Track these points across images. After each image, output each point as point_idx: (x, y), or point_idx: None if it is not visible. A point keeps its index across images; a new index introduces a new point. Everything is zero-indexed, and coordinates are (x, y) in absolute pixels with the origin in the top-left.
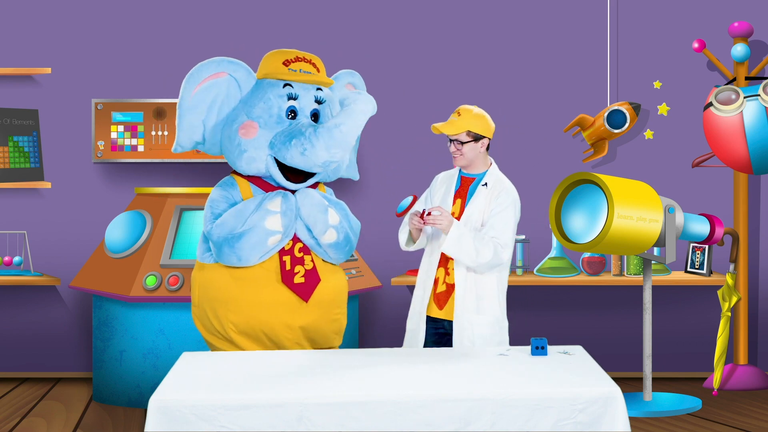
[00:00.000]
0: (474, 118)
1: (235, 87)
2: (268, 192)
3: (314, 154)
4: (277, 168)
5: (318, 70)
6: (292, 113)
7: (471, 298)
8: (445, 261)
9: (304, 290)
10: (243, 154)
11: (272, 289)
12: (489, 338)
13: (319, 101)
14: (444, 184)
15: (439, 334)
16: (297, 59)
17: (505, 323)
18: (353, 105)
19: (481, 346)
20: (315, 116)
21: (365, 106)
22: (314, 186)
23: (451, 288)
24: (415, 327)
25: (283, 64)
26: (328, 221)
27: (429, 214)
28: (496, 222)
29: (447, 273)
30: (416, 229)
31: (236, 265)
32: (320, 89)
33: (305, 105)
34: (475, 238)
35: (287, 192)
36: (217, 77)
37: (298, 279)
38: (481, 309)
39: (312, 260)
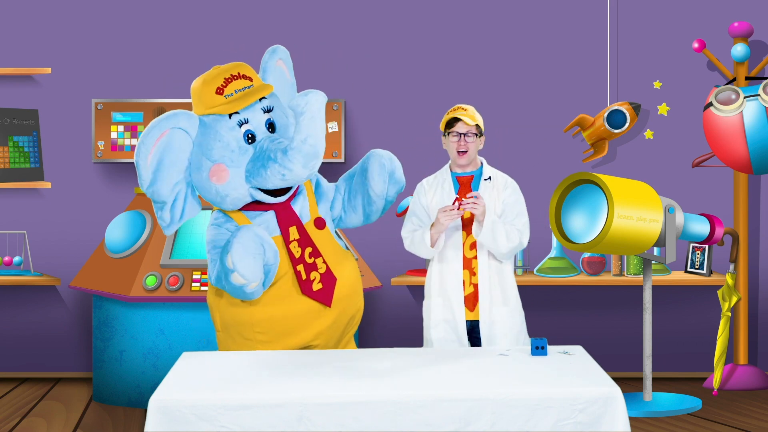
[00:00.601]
0: (476, 114)
1: (181, 135)
2: (262, 211)
3: (294, 176)
4: (262, 192)
5: (251, 79)
6: (250, 137)
7: (497, 293)
8: (468, 263)
9: (325, 296)
10: (226, 199)
11: (295, 300)
12: (519, 330)
13: (268, 110)
14: (436, 188)
15: (474, 337)
16: (227, 81)
17: (523, 313)
18: (308, 111)
19: (512, 339)
20: (271, 125)
21: (319, 104)
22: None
23: (477, 288)
24: (447, 336)
25: (217, 93)
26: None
27: (460, 201)
28: (512, 209)
29: (473, 273)
30: (438, 232)
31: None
32: (263, 97)
33: (258, 123)
34: (503, 224)
35: (240, 236)
36: (161, 138)
37: (316, 286)
38: (507, 301)
39: (324, 261)
